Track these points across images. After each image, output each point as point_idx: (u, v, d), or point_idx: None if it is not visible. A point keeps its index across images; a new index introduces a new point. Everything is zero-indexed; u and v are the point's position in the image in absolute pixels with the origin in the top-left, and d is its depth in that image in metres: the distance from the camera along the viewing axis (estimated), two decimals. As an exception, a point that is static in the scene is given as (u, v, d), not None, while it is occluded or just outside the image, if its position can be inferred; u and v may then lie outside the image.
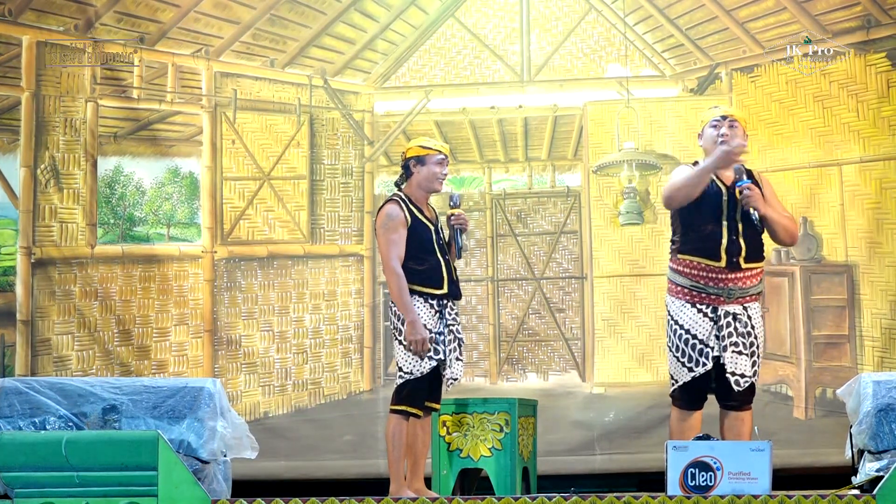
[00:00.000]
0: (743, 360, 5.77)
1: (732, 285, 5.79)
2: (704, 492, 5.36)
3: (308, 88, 9.01)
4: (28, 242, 8.71)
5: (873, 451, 5.64)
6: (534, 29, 8.97)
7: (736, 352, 5.77)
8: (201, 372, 8.71)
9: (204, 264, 8.87)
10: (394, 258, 5.91)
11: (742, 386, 5.78)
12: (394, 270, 5.91)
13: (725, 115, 5.93)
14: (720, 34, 8.81)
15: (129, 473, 5.29)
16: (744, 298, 5.81)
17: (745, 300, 5.81)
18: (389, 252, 5.93)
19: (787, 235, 5.87)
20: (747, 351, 5.78)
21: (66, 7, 8.87)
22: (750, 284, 5.80)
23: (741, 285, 5.79)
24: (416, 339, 5.84)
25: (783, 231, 5.83)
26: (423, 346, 5.84)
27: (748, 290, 5.81)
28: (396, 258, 5.91)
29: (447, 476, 6.21)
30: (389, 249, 5.93)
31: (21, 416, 5.71)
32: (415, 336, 5.84)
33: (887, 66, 8.46)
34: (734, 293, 5.79)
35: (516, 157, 9.05)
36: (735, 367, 5.77)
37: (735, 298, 5.80)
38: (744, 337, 5.78)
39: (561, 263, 8.89)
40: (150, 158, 8.97)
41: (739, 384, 5.77)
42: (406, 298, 5.87)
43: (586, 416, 8.59)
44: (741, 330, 5.78)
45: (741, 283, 5.79)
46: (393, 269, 5.91)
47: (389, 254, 5.93)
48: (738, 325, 5.78)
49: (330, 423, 8.76)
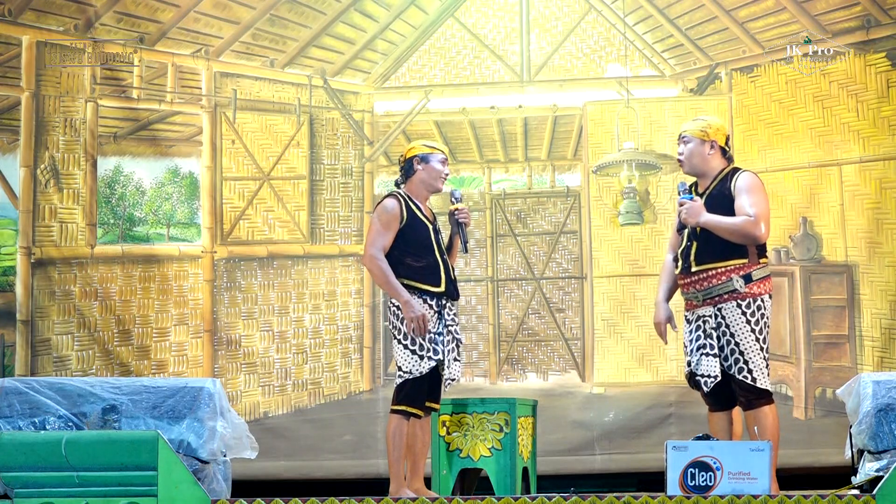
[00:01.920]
0: (709, 361, 5.80)
1: (693, 288, 5.85)
2: (704, 492, 5.36)
3: (308, 88, 9.01)
4: (28, 242, 8.71)
5: (873, 451, 5.65)
6: (533, 29, 8.97)
7: (703, 353, 5.82)
8: (201, 372, 8.71)
9: (204, 264, 8.88)
10: (376, 247, 5.89)
11: (709, 387, 5.80)
12: (373, 256, 5.88)
13: (680, 132, 6.03)
14: (720, 34, 8.81)
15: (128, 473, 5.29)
16: (713, 300, 5.82)
17: (715, 301, 5.81)
18: (374, 241, 5.92)
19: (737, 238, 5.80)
20: (714, 352, 5.79)
21: (66, 7, 8.87)
22: (711, 285, 5.81)
23: (699, 287, 5.83)
24: (414, 317, 5.82)
25: (733, 236, 5.79)
26: (424, 323, 5.83)
27: (712, 291, 5.81)
28: (380, 248, 5.89)
29: (447, 476, 6.21)
30: (375, 239, 5.92)
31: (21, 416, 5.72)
32: (413, 314, 5.82)
33: (887, 66, 8.46)
34: (696, 295, 5.84)
35: (516, 157, 9.06)
36: (699, 368, 5.83)
37: (703, 301, 5.82)
38: (712, 338, 5.80)
39: (561, 263, 8.89)
40: (150, 158, 8.97)
41: (707, 385, 5.81)
42: (393, 280, 5.85)
43: (586, 416, 8.59)
44: (709, 331, 5.81)
45: (698, 285, 5.83)
46: (372, 254, 5.88)
47: (373, 242, 5.91)
48: (707, 327, 5.82)
49: (330, 423, 8.75)
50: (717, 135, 5.94)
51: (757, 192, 5.85)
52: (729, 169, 5.96)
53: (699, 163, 5.94)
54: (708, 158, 5.94)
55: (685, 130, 5.99)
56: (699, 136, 5.94)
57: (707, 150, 5.93)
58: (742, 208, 5.81)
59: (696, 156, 5.94)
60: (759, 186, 5.88)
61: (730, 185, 5.88)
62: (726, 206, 5.83)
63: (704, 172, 5.95)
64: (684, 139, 5.98)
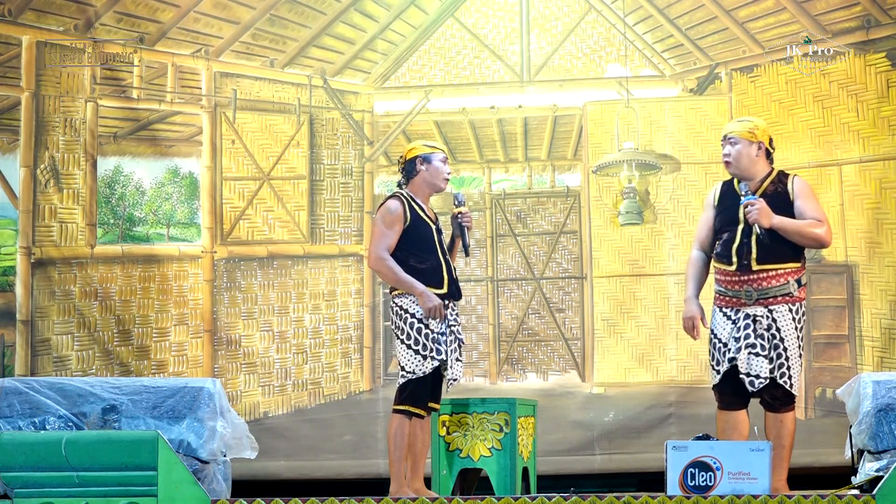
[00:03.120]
0: (759, 362, 5.77)
1: (748, 287, 5.81)
2: (704, 492, 5.36)
3: (308, 88, 9.01)
4: (28, 242, 8.71)
5: (873, 451, 5.65)
6: (533, 29, 8.97)
7: (753, 353, 5.78)
8: (201, 372, 8.71)
9: (204, 264, 8.88)
10: (382, 248, 5.91)
11: (756, 387, 5.78)
12: (380, 256, 5.90)
13: (726, 133, 5.99)
14: (720, 34, 8.81)
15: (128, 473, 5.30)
16: (766, 300, 5.81)
17: (768, 302, 5.81)
18: (379, 242, 5.93)
19: (809, 241, 5.88)
20: (766, 353, 5.78)
21: (66, 7, 8.87)
22: (769, 286, 5.81)
23: (756, 287, 5.81)
24: (432, 307, 5.84)
25: (801, 238, 5.84)
26: (441, 313, 5.85)
27: (769, 292, 5.81)
28: (385, 248, 5.91)
29: (447, 476, 6.21)
30: (380, 240, 5.93)
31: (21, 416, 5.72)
32: (430, 303, 5.84)
33: (887, 66, 8.46)
34: (752, 294, 5.81)
35: (516, 157, 9.06)
36: (749, 368, 5.78)
37: (755, 300, 5.81)
38: (763, 339, 5.79)
39: (561, 263, 8.89)
40: (150, 158, 8.97)
41: (754, 385, 5.78)
42: (404, 276, 5.87)
43: (586, 416, 8.59)
44: (760, 332, 5.79)
45: (756, 284, 5.81)
46: (379, 255, 5.90)
47: (378, 243, 5.93)
48: (758, 328, 5.79)
49: (330, 423, 8.76)
50: (763, 136, 5.94)
51: (815, 198, 5.94)
52: (776, 171, 5.96)
53: (748, 164, 5.92)
54: (755, 160, 5.92)
55: (732, 132, 5.94)
56: (747, 138, 5.91)
57: (755, 152, 5.92)
58: (806, 212, 5.85)
59: (745, 157, 5.91)
60: (814, 192, 5.98)
61: (787, 187, 5.90)
62: (783, 208, 5.84)
63: (752, 174, 5.93)
64: (731, 140, 5.92)
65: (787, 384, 5.78)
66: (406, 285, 5.88)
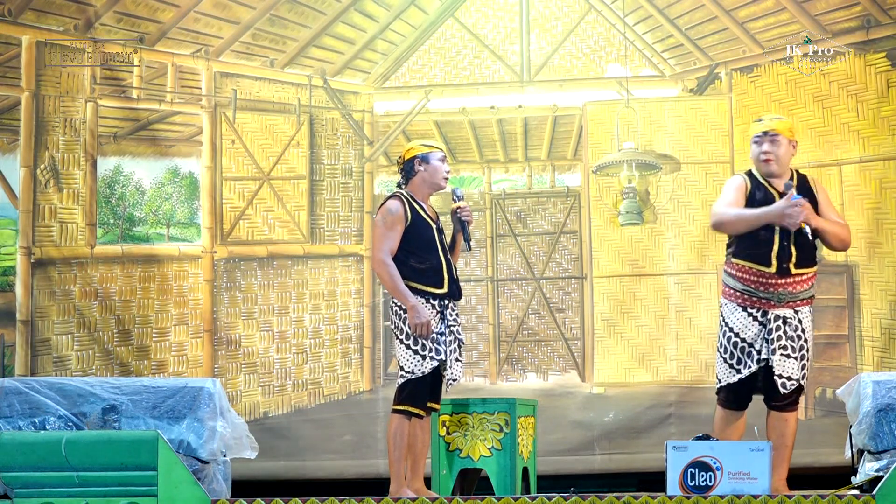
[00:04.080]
0: (791, 363, 5.80)
1: (783, 290, 5.83)
2: (704, 492, 5.36)
3: (308, 88, 9.01)
4: (28, 242, 8.71)
5: (873, 451, 5.65)
6: (533, 29, 8.97)
7: (784, 355, 5.81)
8: (201, 372, 8.71)
9: (204, 264, 8.88)
10: (384, 251, 5.90)
11: (788, 388, 5.81)
12: (383, 261, 5.90)
13: (766, 129, 5.94)
14: (720, 34, 8.81)
15: (128, 473, 5.30)
16: (794, 302, 5.83)
17: (795, 304, 5.83)
18: (381, 244, 5.93)
19: (838, 243, 5.97)
20: (796, 354, 5.81)
21: (66, 7, 8.86)
22: (800, 289, 5.84)
23: (791, 290, 5.84)
24: (420, 323, 5.83)
25: (835, 240, 5.93)
26: (428, 330, 5.84)
27: (798, 295, 5.84)
28: (388, 251, 5.91)
29: (447, 476, 6.21)
30: (382, 242, 5.93)
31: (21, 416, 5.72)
32: (419, 320, 5.83)
33: (887, 66, 8.46)
34: (784, 297, 5.83)
35: (516, 157, 9.05)
36: (783, 369, 5.81)
37: (785, 302, 5.82)
38: (793, 340, 5.82)
39: (561, 263, 8.89)
40: (150, 158, 8.97)
41: (786, 387, 5.81)
42: (401, 286, 5.87)
43: (586, 416, 8.59)
44: (791, 333, 5.82)
45: (791, 287, 5.83)
46: (382, 259, 5.90)
47: (381, 246, 5.92)
48: (788, 329, 5.82)
49: (329, 423, 8.76)
50: (795, 135, 5.98)
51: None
52: (795, 171, 5.98)
53: (786, 163, 5.96)
54: (790, 159, 5.96)
55: (774, 129, 5.92)
56: (788, 137, 5.93)
57: (792, 151, 5.96)
58: (829, 214, 5.92)
59: (786, 155, 5.94)
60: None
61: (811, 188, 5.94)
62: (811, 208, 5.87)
63: (784, 173, 5.95)
64: (774, 139, 5.90)
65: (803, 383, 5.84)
66: (400, 295, 5.88)
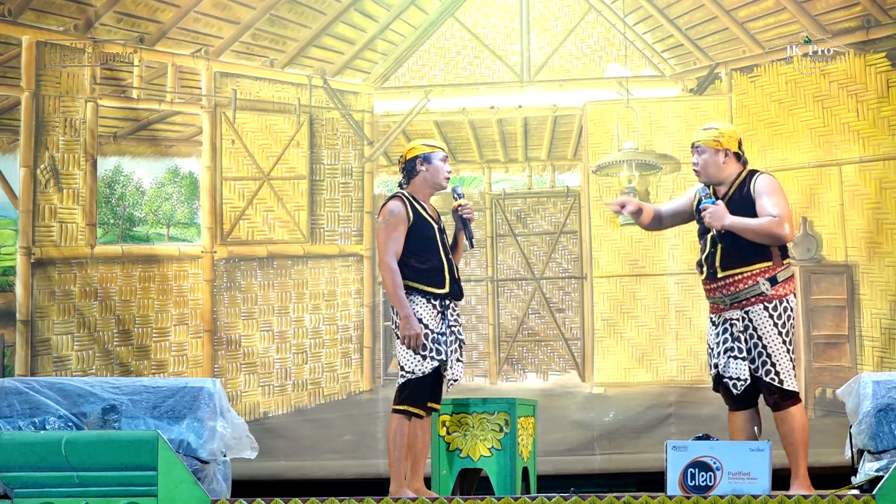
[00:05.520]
0: (738, 364, 5.81)
1: (718, 294, 5.86)
2: (704, 492, 5.36)
3: (308, 88, 9.01)
4: (28, 242, 8.71)
5: (873, 451, 5.65)
6: (533, 29, 8.97)
7: (731, 356, 5.82)
8: (201, 372, 8.71)
9: (204, 264, 8.88)
10: (390, 253, 5.91)
11: (739, 389, 5.81)
12: (388, 265, 5.90)
13: (693, 141, 6.03)
14: (720, 34, 8.81)
15: (128, 473, 5.30)
16: (741, 303, 5.82)
17: (743, 304, 5.82)
18: (386, 247, 5.93)
19: (764, 240, 5.83)
20: (743, 355, 5.81)
21: (66, 7, 8.87)
22: (738, 290, 5.82)
23: (725, 292, 5.84)
24: (410, 335, 5.84)
25: (757, 237, 5.81)
26: (417, 342, 5.84)
27: (739, 296, 5.82)
28: (392, 254, 5.91)
29: (447, 476, 6.21)
30: (387, 245, 5.93)
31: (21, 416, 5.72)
32: (409, 331, 5.84)
33: (887, 66, 8.46)
34: (724, 300, 5.85)
35: (516, 157, 9.06)
36: (730, 371, 5.83)
37: (731, 304, 5.83)
38: (740, 342, 5.81)
39: (560, 263, 8.89)
40: (150, 158, 8.97)
41: (737, 388, 5.81)
42: (400, 293, 5.87)
43: (586, 416, 8.59)
44: (737, 335, 5.82)
45: (724, 290, 5.84)
46: (387, 263, 5.90)
47: (386, 249, 5.93)
48: (735, 331, 5.83)
49: (330, 423, 8.76)
50: (729, 142, 5.94)
51: (777, 193, 5.88)
52: (746, 172, 5.97)
53: (715, 172, 5.94)
54: (723, 167, 5.94)
55: (698, 140, 5.97)
56: (713, 146, 5.93)
57: (721, 159, 5.93)
58: (764, 209, 5.83)
59: (712, 166, 5.93)
60: (778, 187, 5.92)
61: (749, 187, 5.90)
62: (748, 209, 5.84)
63: (721, 180, 5.95)
64: (698, 149, 5.96)
65: (776, 381, 5.77)
66: (396, 302, 5.89)
